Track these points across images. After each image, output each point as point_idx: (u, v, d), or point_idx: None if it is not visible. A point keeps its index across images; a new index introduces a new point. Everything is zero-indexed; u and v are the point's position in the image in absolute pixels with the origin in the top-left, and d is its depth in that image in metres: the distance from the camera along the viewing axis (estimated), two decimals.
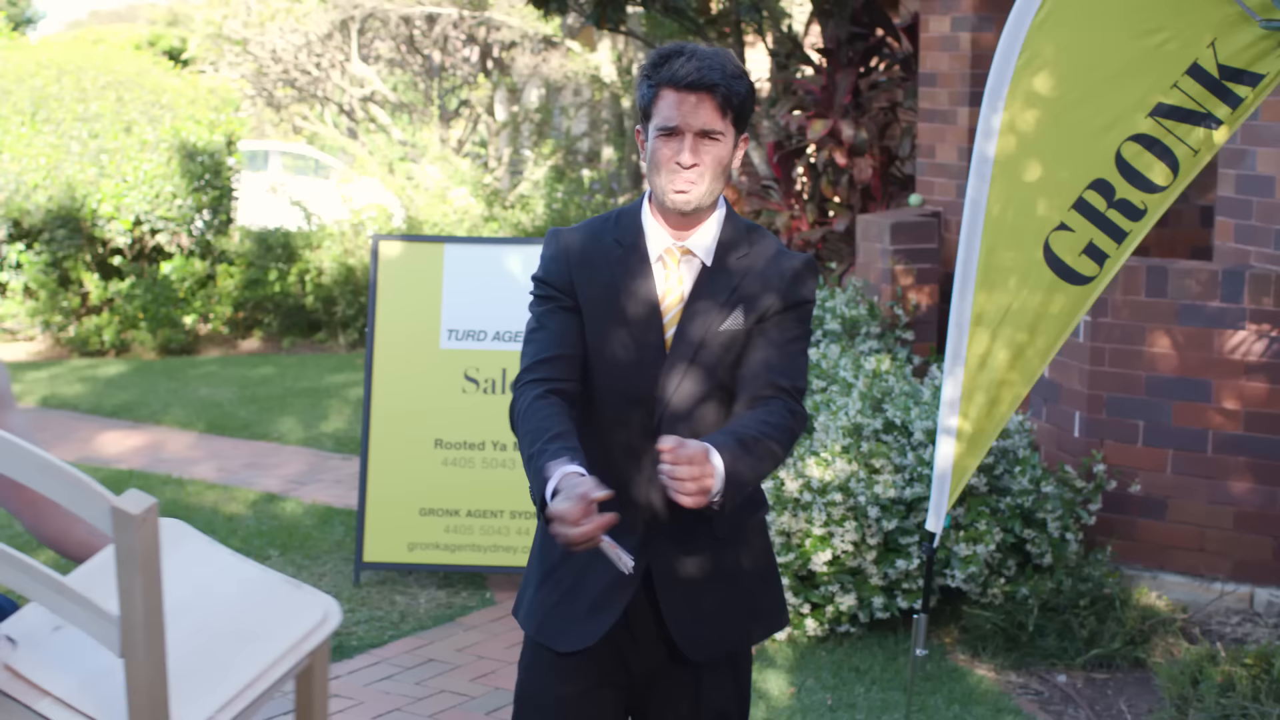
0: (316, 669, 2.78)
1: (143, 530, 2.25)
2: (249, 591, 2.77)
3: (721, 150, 3.20)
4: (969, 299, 4.65)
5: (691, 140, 3.18)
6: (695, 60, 3.17)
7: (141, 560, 2.27)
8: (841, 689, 5.74)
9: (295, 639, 2.68)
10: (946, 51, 8.37)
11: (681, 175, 3.19)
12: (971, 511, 6.08)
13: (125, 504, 2.23)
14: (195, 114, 14.70)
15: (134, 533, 2.24)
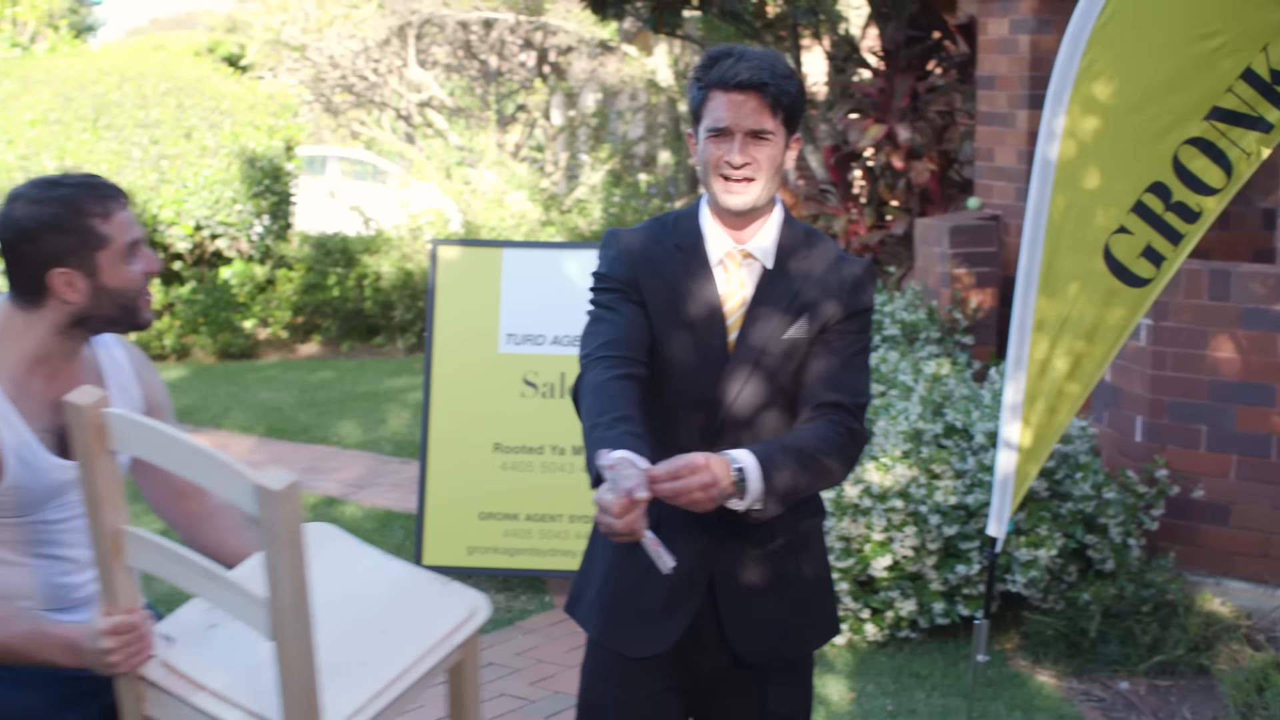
0: (467, 663, 2.81)
1: (285, 506, 2.28)
2: (397, 589, 2.80)
3: (773, 150, 3.20)
4: (1031, 304, 4.63)
5: (741, 140, 3.17)
6: (744, 61, 3.17)
7: (285, 536, 2.30)
8: (902, 694, 5.71)
9: (443, 634, 2.71)
10: (1005, 54, 8.33)
11: (733, 175, 3.20)
12: (1033, 517, 6.04)
13: (268, 481, 2.27)
14: (254, 120, 14.80)
15: (277, 509, 2.28)
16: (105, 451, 2.55)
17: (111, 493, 2.60)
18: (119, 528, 2.61)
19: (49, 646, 2.80)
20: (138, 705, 2.73)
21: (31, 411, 2.97)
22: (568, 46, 18.39)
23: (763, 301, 3.27)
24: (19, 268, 2.96)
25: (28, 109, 14.07)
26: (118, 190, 3.01)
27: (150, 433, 2.49)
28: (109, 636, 2.67)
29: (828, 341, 3.27)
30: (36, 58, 15.59)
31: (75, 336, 3.02)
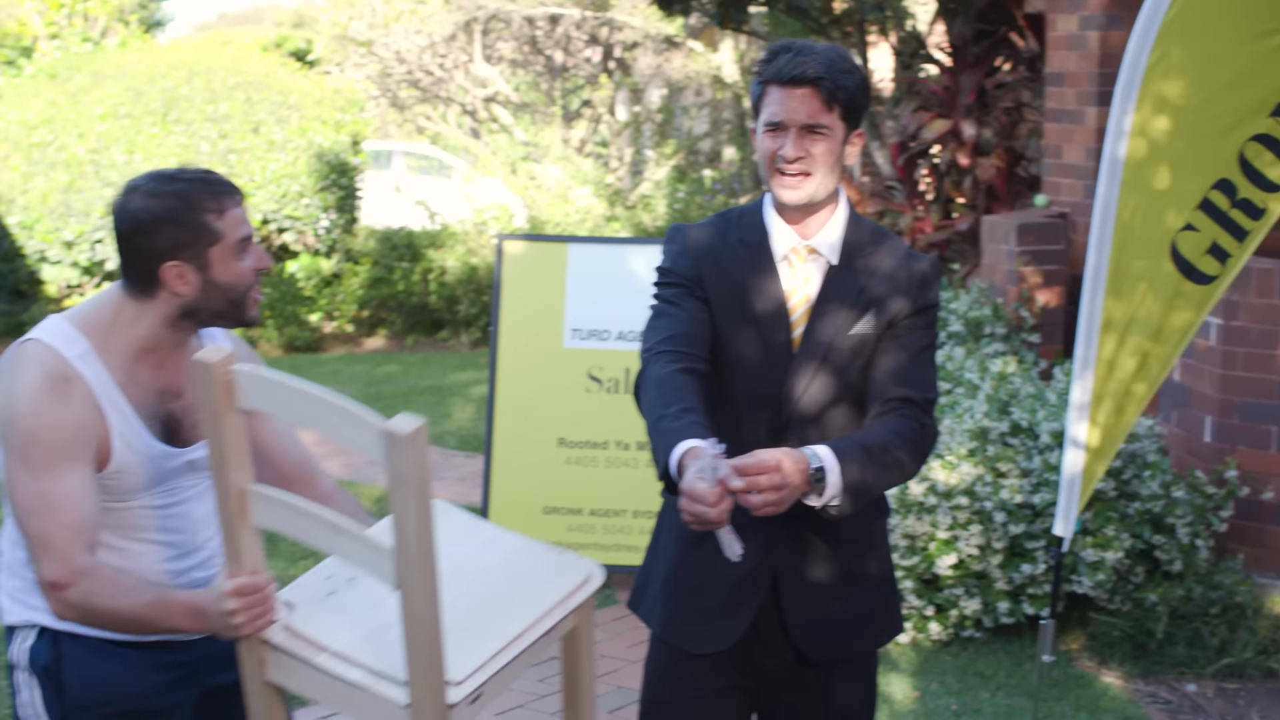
0: (582, 630, 2.81)
1: (413, 451, 2.30)
2: (512, 558, 2.82)
3: (828, 145, 3.18)
4: (1099, 303, 4.61)
5: (796, 134, 3.16)
6: (801, 55, 3.16)
7: (414, 481, 2.32)
8: (966, 694, 5.69)
9: (558, 598, 2.72)
10: (1074, 50, 8.27)
11: (788, 170, 3.19)
12: (1099, 517, 6.00)
13: (396, 426, 2.29)
14: (321, 114, 14.89)
15: (405, 454, 2.29)
16: (232, 409, 2.58)
17: (238, 451, 2.61)
18: (244, 487, 2.63)
19: (174, 612, 2.83)
20: (260, 670, 2.74)
21: (139, 399, 3.03)
22: (633, 42, 18.39)
23: (829, 297, 3.26)
24: (133, 259, 3.02)
25: (98, 103, 14.21)
26: (232, 187, 3.07)
27: (277, 387, 2.51)
28: (234, 598, 2.69)
29: (895, 337, 3.26)
30: (107, 52, 15.74)
31: (183, 328, 3.07)
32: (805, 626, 3.30)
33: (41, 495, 2.89)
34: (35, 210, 14.08)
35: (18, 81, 15.05)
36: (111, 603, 2.85)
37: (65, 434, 2.91)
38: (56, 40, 15.87)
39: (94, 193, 13.88)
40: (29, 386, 2.93)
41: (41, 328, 3.03)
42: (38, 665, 3.08)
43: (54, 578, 2.86)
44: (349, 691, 2.60)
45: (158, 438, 3.05)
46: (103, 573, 2.87)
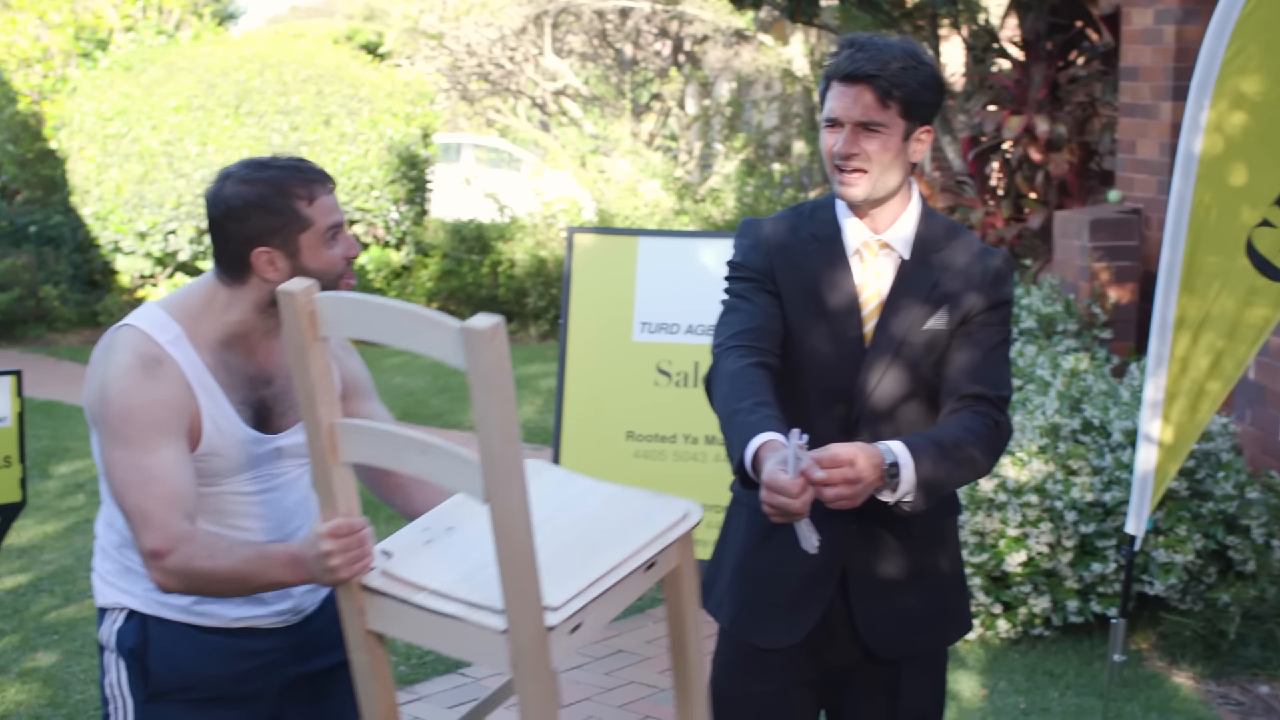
0: (684, 570, 2.79)
1: (492, 346, 2.30)
2: (610, 502, 2.82)
3: (884, 142, 3.16)
4: (1173, 300, 4.57)
5: (850, 131, 3.15)
6: (861, 51, 3.14)
7: (494, 378, 2.31)
8: (1034, 693, 5.66)
9: (656, 532, 2.71)
10: (1149, 45, 8.20)
11: (844, 166, 3.18)
12: (1172, 516, 5.95)
13: (474, 323, 2.29)
14: (392, 107, 14.96)
15: (484, 350, 2.29)
16: (317, 339, 2.58)
17: (325, 386, 2.61)
18: (333, 422, 2.63)
19: (273, 564, 2.85)
20: (360, 619, 2.73)
21: (229, 384, 3.08)
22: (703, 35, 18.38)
23: (902, 292, 3.24)
24: (224, 245, 3.06)
25: (172, 95, 14.34)
26: (324, 175, 3.10)
27: (358, 305, 2.52)
28: (330, 539, 2.69)
29: (969, 334, 3.24)
30: (181, 45, 15.87)
31: (274, 315, 3.08)
32: (874, 622, 3.29)
33: (138, 469, 2.93)
34: (109, 201, 14.22)
35: (93, 74, 15.20)
36: (211, 563, 2.87)
37: (158, 410, 2.96)
38: (131, 33, 16.02)
39: (167, 184, 14.01)
40: (121, 368, 2.98)
41: (135, 314, 3.08)
42: (124, 647, 3.13)
43: (154, 546, 2.89)
44: (447, 625, 2.58)
45: (250, 423, 3.09)
46: (201, 536, 2.91)
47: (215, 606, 3.10)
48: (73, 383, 12.31)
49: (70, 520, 8.21)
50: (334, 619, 3.30)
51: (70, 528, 8.06)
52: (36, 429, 10.07)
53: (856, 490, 2.88)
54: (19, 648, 6.28)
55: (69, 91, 15.20)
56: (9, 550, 7.52)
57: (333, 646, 3.27)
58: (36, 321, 14.65)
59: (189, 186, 13.96)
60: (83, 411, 3.08)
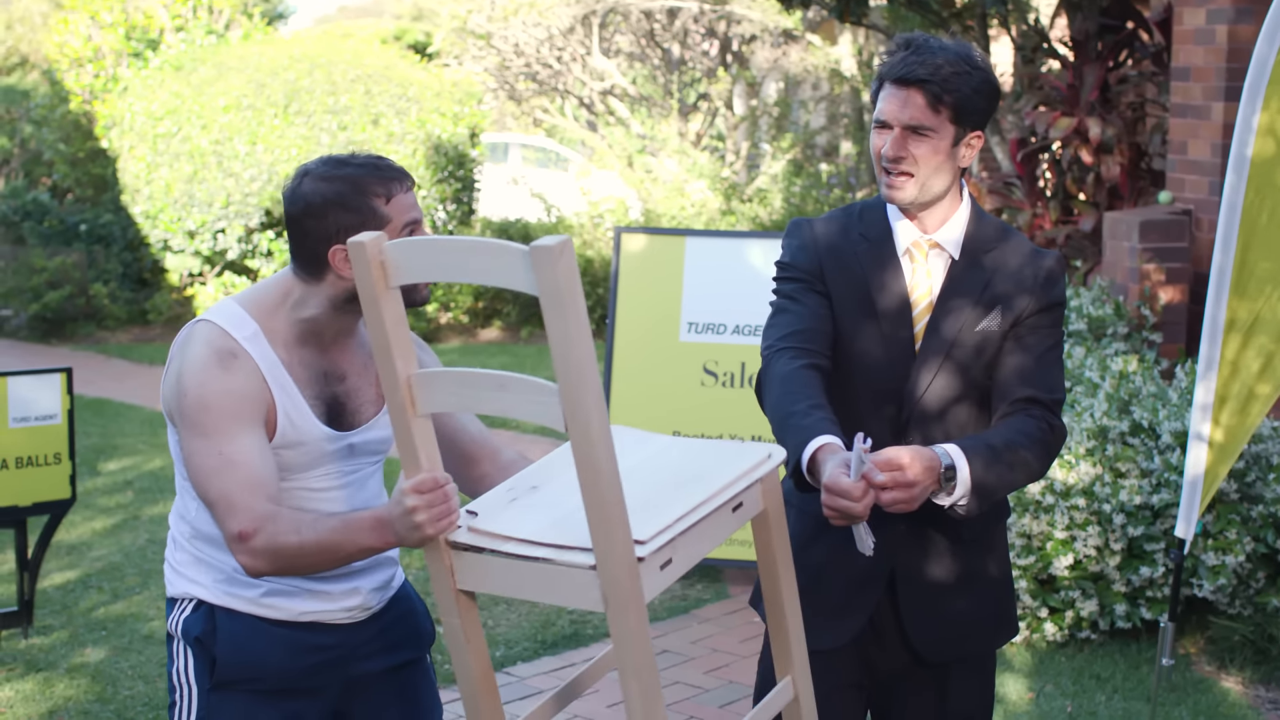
0: (771, 513, 2.77)
1: (561, 262, 2.29)
2: (693, 451, 2.82)
3: (934, 146, 3.15)
4: (1224, 303, 4.54)
5: (899, 134, 3.15)
6: (915, 54, 3.14)
7: (566, 295, 2.30)
8: (1082, 696, 5.63)
9: (740, 471, 2.70)
10: (1201, 45, 8.14)
11: (891, 169, 3.18)
12: (1221, 519, 5.90)
13: (542, 242, 2.29)
14: (440, 107, 15.00)
15: (554, 267, 2.28)
16: (388, 290, 2.57)
17: (400, 337, 2.59)
18: (410, 373, 2.61)
19: (359, 530, 2.83)
20: (450, 579, 2.69)
21: (303, 378, 3.11)
22: (751, 35, 18.36)
23: (953, 293, 3.24)
24: (301, 241, 3.08)
25: (222, 94, 14.41)
26: (402, 172, 3.11)
27: (426, 246, 2.52)
28: (414, 495, 2.66)
29: (1020, 336, 3.23)
30: (230, 45, 15.96)
31: (350, 312, 3.12)
32: (922, 625, 3.29)
33: (218, 456, 2.96)
34: (159, 200, 14.31)
35: (144, 73, 15.30)
36: (298, 537, 2.88)
37: (235, 400, 2.99)
38: (182, 33, 16.11)
39: (216, 183, 14.08)
40: (198, 361, 3.02)
41: (213, 310, 3.12)
42: (190, 635, 3.16)
43: (240, 529, 2.90)
44: (538, 570, 2.56)
45: (323, 420, 3.12)
46: (284, 514, 2.92)
47: (283, 600, 3.13)
48: (122, 380, 12.39)
49: (119, 517, 8.26)
50: (400, 618, 3.33)
51: (119, 525, 8.11)
52: (86, 426, 10.14)
53: (913, 494, 2.89)
54: (68, 643, 6.32)
55: (120, 91, 15.30)
56: (58, 547, 7.57)
57: (399, 645, 3.29)
58: (86, 319, 14.76)
59: (238, 185, 14.04)
60: (132, 409, 3.12)
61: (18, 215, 15.48)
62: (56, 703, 5.73)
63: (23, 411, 6.17)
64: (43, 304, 14.24)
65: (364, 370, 3.22)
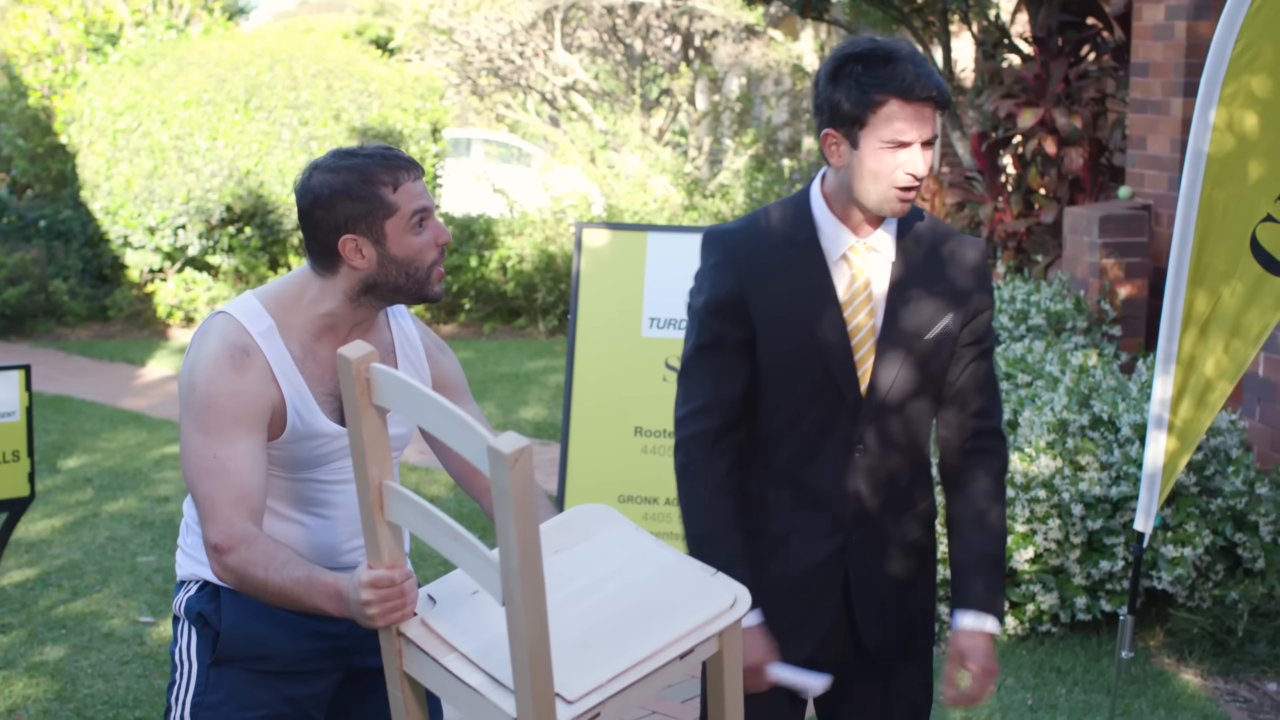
0: (727, 654, 2.77)
1: (516, 470, 2.29)
2: (663, 574, 2.80)
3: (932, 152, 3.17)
4: (1181, 297, 4.56)
5: (921, 150, 3.11)
6: (920, 68, 3.08)
7: (515, 500, 2.31)
8: (1042, 689, 5.65)
9: (699, 621, 2.69)
10: (1160, 40, 8.18)
11: (912, 185, 3.12)
12: (1180, 512, 5.94)
13: (500, 444, 2.29)
14: (402, 102, 14.96)
15: (507, 473, 2.29)
16: (370, 406, 2.61)
17: (376, 447, 2.64)
18: (382, 482, 2.66)
19: (319, 594, 2.87)
20: (397, 660, 2.77)
21: (316, 375, 3.14)
22: (713, 31, 18.36)
23: (892, 295, 3.22)
24: (313, 234, 3.10)
25: (182, 90, 14.34)
26: (410, 161, 3.13)
27: (408, 389, 2.54)
28: (369, 589, 2.72)
29: (963, 356, 3.28)
30: (191, 40, 15.88)
31: (365, 305, 3.15)
32: (874, 628, 3.33)
33: (213, 459, 3.00)
34: (119, 196, 14.23)
35: (103, 69, 15.21)
36: (265, 574, 2.92)
37: (240, 401, 3.03)
38: (142, 28, 16.03)
39: (177, 179, 14.01)
40: (211, 354, 3.05)
41: (232, 303, 3.15)
42: (193, 612, 3.20)
43: (216, 541, 2.96)
44: (469, 695, 2.61)
45: (335, 417, 3.15)
46: (262, 543, 2.96)
47: None
48: (82, 377, 12.33)
49: (78, 515, 8.22)
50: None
51: (78, 522, 8.07)
52: (45, 423, 10.08)
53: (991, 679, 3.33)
54: (26, 642, 6.29)
55: (79, 86, 15.21)
56: (16, 545, 7.53)
57: None
58: (46, 316, 14.67)
59: (199, 181, 13.97)
60: (92, 406, 3.14)
61: None
62: (16, 701, 5.70)
63: None
64: (1, 300, 14.15)
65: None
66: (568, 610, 2.67)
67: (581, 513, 2.95)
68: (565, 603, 2.69)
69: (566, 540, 2.86)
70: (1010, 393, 6.62)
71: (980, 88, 10.57)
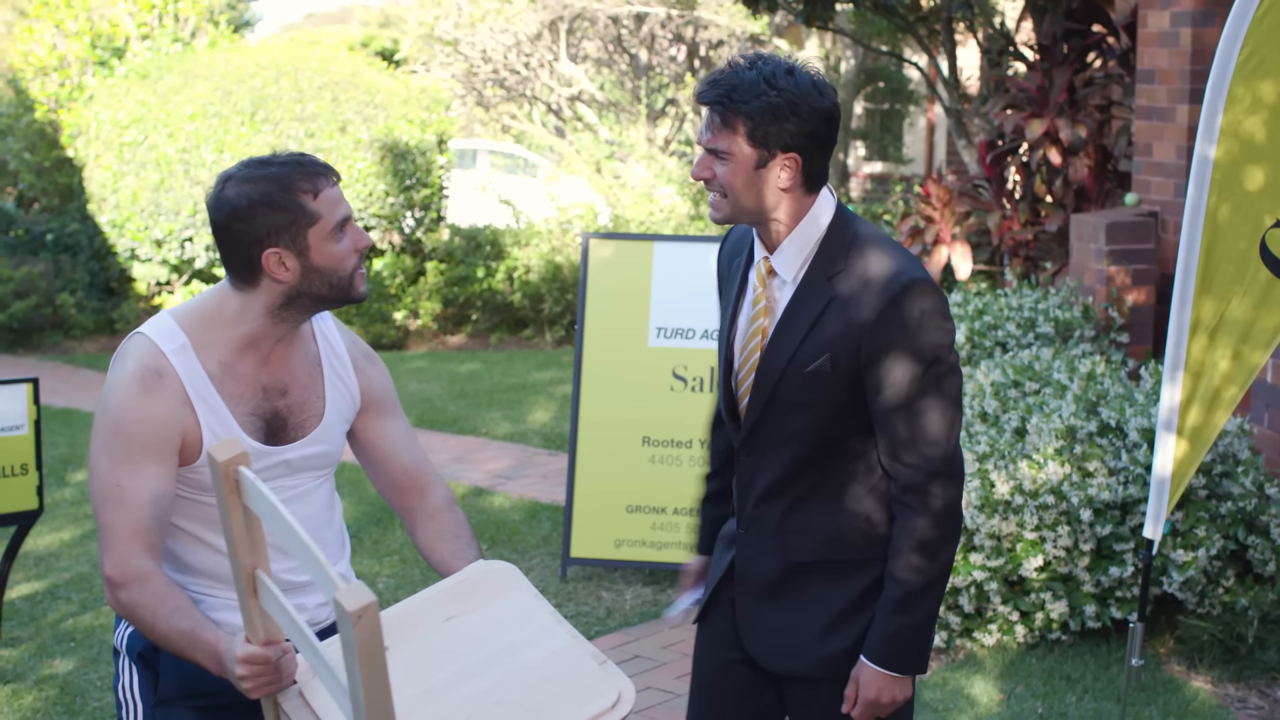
0: None
1: (359, 626, 2.25)
2: (553, 661, 2.77)
3: (733, 169, 3.08)
4: (1189, 304, 4.55)
5: (704, 155, 3.11)
6: (711, 77, 3.09)
7: (359, 652, 2.27)
8: (1052, 697, 5.64)
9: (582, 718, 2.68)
10: (1165, 47, 8.18)
11: (707, 188, 3.15)
12: (1190, 517, 5.92)
13: (344, 599, 2.24)
14: (407, 114, 14.97)
15: (351, 627, 2.25)
16: (240, 504, 2.57)
17: (247, 539, 2.61)
18: (254, 571, 2.64)
19: (200, 651, 2.86)
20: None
21: (235, 394, 3.05)
22: (718, 40, 18.35)
23: (782, 324, 3.18)
24: (231, 248, 3.00)
25: (188, 103, 14.36)
26: (327, 167, 3.05)
27: (269, 507, 2.49)
28: (243, 664, 2.73)
29: (876, 405, 3.13)
30: (197, 53, 15.91)
31: (287, 319, 3.07)
32: (749, 626, 3.33)
33: (116, 486, 2.95)
34: (126, 209, 14.25)
35: (110, 82, 15.24)
36: (152, 618, 2.90)
37: (149, 429, 2.96)
38: (148, 41, 16.06)
39: (183, 191, 14.04)
40: (124, 378, 2.99)
41: (148, 322, 3.07)
42: (134, 650, 3.15)
43: (109, 573, 2.93)
44: None
45: (259, 435, 3.07)
46: (153, 585, 2.92)
47: (226, 615, 3.10)
48: (89, 390, 12.33)
49: (86, 527, 8.22)
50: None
51: (86, 535, 8.08)
52: (53, 436, 10.09)
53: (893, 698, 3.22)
54: (35, 655, 6.29)
55: (85, 100, 15.24)
56: (25, 557, 7.53)
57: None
58: (53, 329, 14.69)
59: (205, 194, 13.98)
60: None
61: None
62: (25, 714, 5.70)
63: None
64: (9, 314, 14.17)
65: (308, 381, 3.17)
66: (449, 695, 2.65)
67: (483, 573, 2.91)
68: (447, 685, 2.67)
69: (462, 606, 2.83)
70: (1018, 400, 6.61)
71: (985, 96, 10.57)
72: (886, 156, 18.82)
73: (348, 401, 3.25)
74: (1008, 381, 6.73)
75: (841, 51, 17.41)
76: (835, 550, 3.23)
